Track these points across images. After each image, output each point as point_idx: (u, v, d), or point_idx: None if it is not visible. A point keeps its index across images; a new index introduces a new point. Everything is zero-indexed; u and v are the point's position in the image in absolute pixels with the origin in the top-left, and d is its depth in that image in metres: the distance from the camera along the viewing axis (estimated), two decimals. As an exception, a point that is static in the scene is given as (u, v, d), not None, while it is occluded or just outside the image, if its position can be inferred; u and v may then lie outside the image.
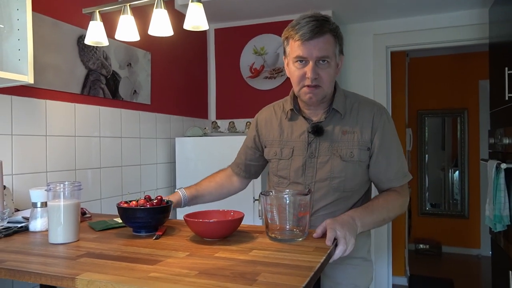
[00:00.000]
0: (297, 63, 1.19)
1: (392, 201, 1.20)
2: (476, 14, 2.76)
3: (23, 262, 0.88)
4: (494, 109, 2.33)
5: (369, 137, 1.21)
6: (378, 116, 1.23)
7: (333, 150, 1.22)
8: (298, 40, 1.15)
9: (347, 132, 1.22)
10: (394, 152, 1.23)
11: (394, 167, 1.22)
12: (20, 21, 1.29)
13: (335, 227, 1.00)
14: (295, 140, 1.27)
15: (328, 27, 1.16)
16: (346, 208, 1.23)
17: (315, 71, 1.16)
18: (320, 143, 1.23)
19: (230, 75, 3.01)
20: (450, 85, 4.51)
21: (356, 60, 3.08)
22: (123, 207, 1.12)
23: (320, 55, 1.15)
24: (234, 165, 1.51)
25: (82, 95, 1.83)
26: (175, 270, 0.80)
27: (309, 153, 1.24)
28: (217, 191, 1.47)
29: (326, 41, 1.15)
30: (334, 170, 1.21)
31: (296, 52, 1.17)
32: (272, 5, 2.64)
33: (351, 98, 1.28)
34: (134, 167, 2.17)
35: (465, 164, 4.51)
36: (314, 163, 1.23)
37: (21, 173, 1.53)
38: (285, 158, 1.28)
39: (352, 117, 1.24)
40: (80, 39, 1.81)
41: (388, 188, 1.24)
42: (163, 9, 1.37)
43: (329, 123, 1.24)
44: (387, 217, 1.18)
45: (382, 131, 1.22)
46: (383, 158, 1.22)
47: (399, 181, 1.23)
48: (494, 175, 1.93)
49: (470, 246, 4.43)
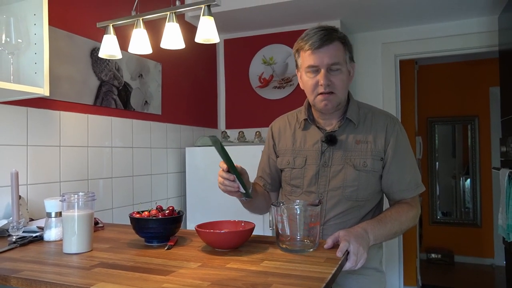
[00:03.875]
0: (309, 73, 1.21)
1: (404, 214, 1.19)
2: (485, 21, 2.75)
3: (38, 272, 0.89)
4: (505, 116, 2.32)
5: (382, 147, 1.22)
6: (391, 127, 1.24)
7: (347, 159, 1.22)
8: (308, 49, 1.19)
9: (361, 142, 1.23)
10: (407, 163, 1.24)
11: (407, 177, 1.23)
12: (37, 35, 1.33)
13: (349, 239, 1.00)
14: (308, 149, 1.28)
15: (336, 35, 1.19)
16: (358, 217, 1.23)
17: (328, 78, 1.18)
18: (333, 152, 1.24)
19: (239, 85, 3.04)
20: (460, 92, 4.48)
21: (365, 69, 3.08)
22: (135, 218, 1.13)
23: (331, 62, 1.17)
24: (257, 180, 1.44)
25: (94, 106, 1.87)
26: (188, 281, 0.81)
27: (322, 162, 1.25)
28: (265, 197, 1.40)
29: (335, 48, 1.18)
30: (347, 179, 1.21)
31: (307, 62, 1.20)
32: (280, 15, 2.67)
33: (364, 109, 1.29)
34: (145, 176, 2.20)
35: (476, 171, 4.45)
36: (328, 172, 1.24)
37: (35, 183, 1.56)
38: (298, 167, 1.29)
39: (365, 127, 1.25)
40: (93, 51, 1.85)
41: (400, 199, 1.24)
42: (175, 23, 1.40)
43: (342, 133, 1.25)
44: (399, 230, 1.18)
45: (395, 142, 1.22)
46: (396, 168, 1.22)
47: (411, 192, 1.23)
48: (507, 184, 1.91)
49: (483, 256, 4.35)
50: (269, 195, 1.44)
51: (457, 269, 4.23)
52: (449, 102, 4.54)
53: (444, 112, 4.59)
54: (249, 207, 1.37)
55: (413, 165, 1.26)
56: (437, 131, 4.69)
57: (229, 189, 1.16)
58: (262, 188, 1.42)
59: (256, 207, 1.38)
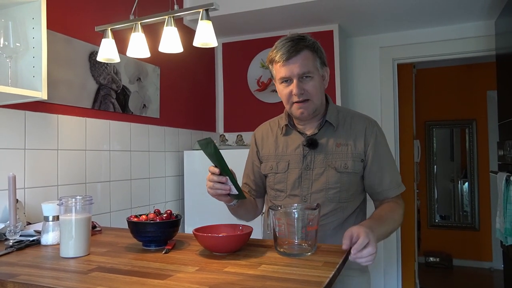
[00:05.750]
0: (283, 84, 1.25)
1: (396, 212, 1.23)
2: (483, 26, 2.77)
3: (35, 276, 0.89)
4: (502, 120, 2.33)
5: (362, 149, 1.26)
6: (370, 129, 1.28)
7: (328, 162, 1.25)
8: (278, 62, 1.23)
9: (341, 145, 1.26)
10: (387, 163, 1.28)
11: (388, 177, 1.26)
12: (35, 39, 1.34)
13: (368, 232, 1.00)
14: (290, 154, 1.31)
15: (304, 44, 1.22)
16: (342, 218, 1.26)
17: (300, 87, 1.21)
18: (315, 155, 1.27)
19: (237, 88, 3.04)
20: (458, 95, 4.50)
21: (363, 73, 3.09)
22: (133, 221, 1.13)
23: (301, 72, 1.21)
24: (242, 187, 1.44)
25: (93, 109, 1.87)
26: (185, 285, 0.81)
27: (304, 166, 1.27)
28: (251, 203, 1.41)
29: (304, 57, 1.21)
30: (329, 181, 1.24)
31: (279, 74, 1.24)
32: (278, 19, 2.68)
33: (344, 112, 1.33)
34: (143, 180, 2.19)
35: (474, 175, 4.46)
36: (310, 175, 1.26)
37: (33, 187, 1.56)
38: (281, 172, 1.31)
39: (345, 130, 1.28)
40: (92, 55, 1.85)
41: (383, 198, 1.28)
42: (173, 27, 1.40)
43: (323, 136, 1.28)
44: (393, 229, 1.21)
45: (374, 143, 1.26)
46: (377, 168, 1.26)
47: (394, 191, 1.27)
48: (504, 188, 1.91)
49: (482, 259, 4.35)
50: (255, 201, 1.44)
51: (456, 273, 4.23)
52: (447, 105, 4.56)
53: (442, 116, 4.61)
54: (236, 213, 1.36)
55: (393, 165, 1.30)
56: (435, 135, 4.70)
57: (219, 192, 1.15)
58: (248, 194, 1.43)
59: (244, 213, 1.38)
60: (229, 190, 1.15)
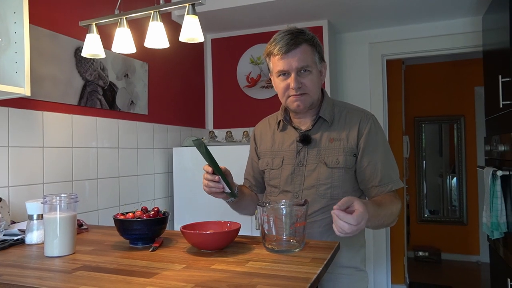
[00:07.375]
0: (280, 77, 1.23)
1: (394, 205, 1.15)
2: (470, 22, 2.79)
3: (19, 276, 0.87)
4: (489, 116, 2.35)
5: (355, 142, 1.22)
6: (364, 121, 1.24)
7: (320, 157, 1.24)
8: (277, 55, 1.20)
9: (334, 140, 1.24)
10: (380, 157, 1.21)
11: (380, 172, 1.19)
12: (17, 34, 1.30)
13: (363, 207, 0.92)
14: (285, 150, 1.30)
15: (303, 38, 1.20)
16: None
17: (298, 81, 1.20)
18: (308, 151, 1.26)
19: (227, 84, 3.02)
20: (446, 91, 4.54)
21: (352, 69, 3.10)
22: (120, 219, 1.12)
23: (299, 65, 1.19)
24: (244, 182, 1.47)
25: (79, 106, 1.84)
26: (171, 283, 0.80)
27: (297, 162, 1.26)
28: (252, 198, 1.40)
29: (303, 51, 1.19)
30: (320, 178, 1.22)
31: (277, 67, 1.22)
32: (268, 15, 2.66)
33: (340, 107, 1.30)
34: (131, 177, 2.17)
35: (462, 170, 4.52)
36: (303, 171, 1.25)
37: (17, 185, 1.53)
38: (276, 168, 1.31)
39: (340, 125, 1.26)
40: (77, 51, 1.82)
41: (375, 195, 1.20)
42: (159, 22, 1.38)
43: (317, 132, 1.27)
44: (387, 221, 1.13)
45: (367, 136, 1.21)
46: (367, 162, 1.20)
47: (386, 187, 1.19)
48: (491, 182, 1.94)
49: (469, 253, 4.42)
50: (256, 196, 1.45)
51: (444, 267, 4.28)
52: (435, 101, 4.60)
53: (431, 112, 4.65)
54: (237, 208, 1.38)
55: (387, 160, 1.22)
56: (424, 130, 4.74)
57: (214, 190, 1.17)
58: (249, 190, 1.43)
59: (244, 207, 1.39)
60: (223, 188, 1.17)
